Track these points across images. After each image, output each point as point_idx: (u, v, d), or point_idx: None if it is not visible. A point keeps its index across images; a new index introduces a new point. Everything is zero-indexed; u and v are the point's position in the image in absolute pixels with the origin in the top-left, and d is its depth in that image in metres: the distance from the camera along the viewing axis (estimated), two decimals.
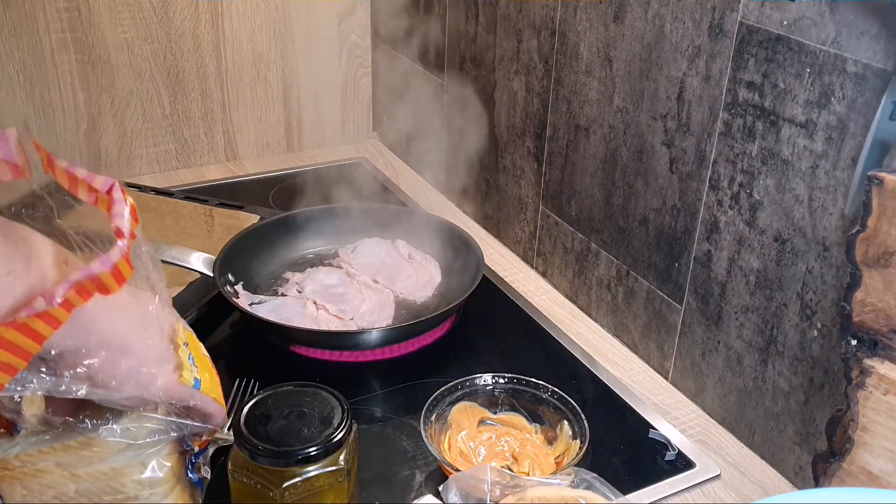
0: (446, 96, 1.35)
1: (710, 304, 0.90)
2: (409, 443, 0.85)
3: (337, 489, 0.68)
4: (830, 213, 0.75)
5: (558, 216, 1.13)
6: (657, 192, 0.94)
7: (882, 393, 0.67)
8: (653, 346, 1.00)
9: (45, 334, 0.48)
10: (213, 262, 1.02)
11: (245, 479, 0.67)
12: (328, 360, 0.97)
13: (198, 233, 1.20)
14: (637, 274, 1.00)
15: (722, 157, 0.85)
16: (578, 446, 0.80)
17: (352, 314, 1.03)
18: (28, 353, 0.48)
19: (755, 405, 0.87)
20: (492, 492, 0.70)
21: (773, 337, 0.83)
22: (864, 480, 0.69)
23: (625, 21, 0.94)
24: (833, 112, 0.73)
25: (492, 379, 0.87)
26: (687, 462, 0.85)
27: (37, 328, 0.48)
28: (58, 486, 0.62)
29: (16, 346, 0.48)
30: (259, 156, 1.50)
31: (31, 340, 0.48)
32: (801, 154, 0.77)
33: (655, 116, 0.92)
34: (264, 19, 1.41)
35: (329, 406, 0.70)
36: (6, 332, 0.47)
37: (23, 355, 0.48)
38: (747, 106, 0.81)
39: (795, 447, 0.83)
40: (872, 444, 0.68)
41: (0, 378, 0.48)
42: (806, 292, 0.79)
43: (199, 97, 1.41)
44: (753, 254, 0.84)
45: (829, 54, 0.72)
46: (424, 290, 1.09)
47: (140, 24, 1.30)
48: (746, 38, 0.80)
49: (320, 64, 1.50)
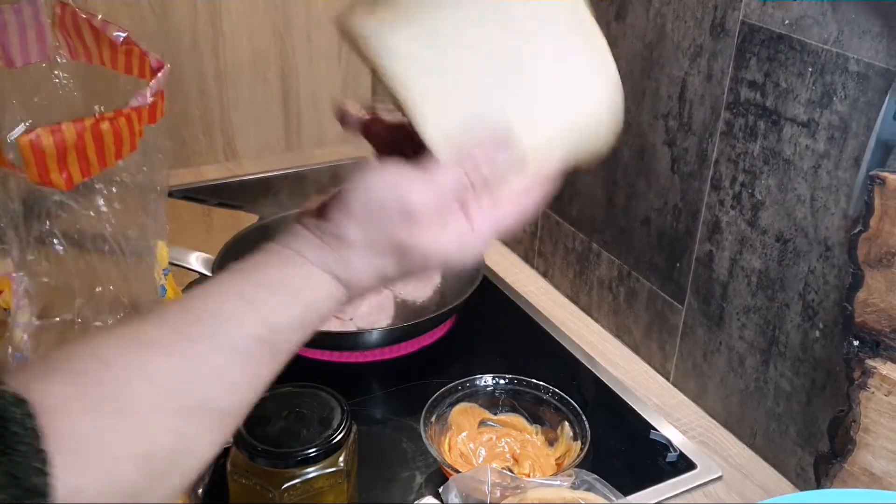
0: None
1: (711, 304, 0.90)
2: (409, 444, 0.85)
3: (336, 490, 0.68)
4: (832, 213, 0.75)
5: (559, 216, 1.12)
6: (659, 192, 0.94)
7: (884, 394, 0.67)
8: (654, 346, 1.00)
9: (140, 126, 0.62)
10: (211, 262, 1.02)
11: (244, 481, 0.67)
12: (328, 361, 0.97)
13: (197, 233, 1.20)
14: (638, 274, 1.00)
15: (724, 156, 0.85)
16: (579, 447, 0.79)
17: (351, 314, 1.02)
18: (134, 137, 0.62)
19: (757, 406, 0.87)
20: (492, 493, 0.70)
21: (774, 337, 0.83)
22: (865, 481, 0.68)
23: (626, 20, 0.94)
24: (835, 111, 0.73)
25: (492, 380, 0.86)
26: (688, 463, 0.85)
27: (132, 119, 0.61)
28: None
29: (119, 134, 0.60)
30: (258, 155, 1.50)
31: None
32: (803, 154, 0.76)
33: (657, 116, 0.92)
34: (263, 18, 1.41)
35: (328, 407, 0.70)
36: (118, 119, 0.59)
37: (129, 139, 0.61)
38: (749, 105, 0.81)
39: (797, 448, 0.83)
40: (874, 445, 0.68)
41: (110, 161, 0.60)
42: (808, 293, 0.78)
43: (198, 96, 1.40)
44: (755, 254, 0.83)
45: (831, 53, 0.72)
46: (424, 290, 1.09)
47: (138, 23, 1.30)
48: (748, 37, 0.79)
49: (320, 63, 1.49)
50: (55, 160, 0.56)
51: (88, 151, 0.58)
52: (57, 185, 0.58)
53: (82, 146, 0.57)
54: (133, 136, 0.62)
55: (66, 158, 0.57)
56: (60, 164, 0.57)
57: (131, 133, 0.61)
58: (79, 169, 0.58)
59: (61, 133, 0.56)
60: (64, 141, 0.56)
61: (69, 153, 0.57)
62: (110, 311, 0.68)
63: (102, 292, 0.67)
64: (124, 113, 0.60)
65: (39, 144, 0.55)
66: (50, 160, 0.56)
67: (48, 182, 0.57)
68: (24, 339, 0.66)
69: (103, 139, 0.59)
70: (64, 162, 0.57)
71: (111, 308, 0.68)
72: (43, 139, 0.55)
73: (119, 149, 0.61)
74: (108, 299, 0.67)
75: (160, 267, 0.69)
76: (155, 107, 0.64)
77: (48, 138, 0.55)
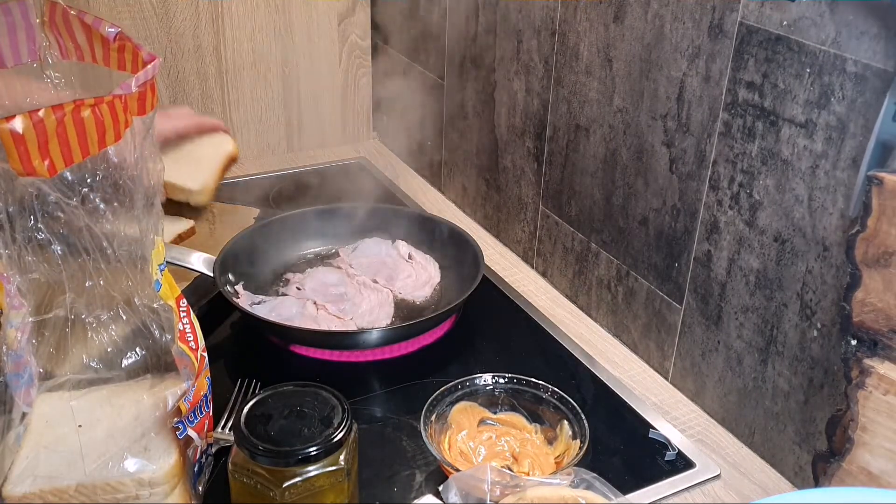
0: (446, 96, 1.35)
1: (709, 304, 0.90)
2: (409, 443, 0.85)
3: (337, 489, 0.68)
4: (830, 213, 0.75)
5: (558, 216, 1.13)
6: (657, 193, 0.94)
7: (882, 393, 0.67)
8: (653, 345, 1.00)
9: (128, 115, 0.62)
10: (213, 262, 1.02)
11: (245, 479, 0.67)
12: (328, 360, 0.97)
13: (198, 233, 1.20)
14: (637, 274, 1.00)
15: (722, 157, 0.85)
16: (578, 446, 0.80)
17: (351, 314, 1.03)
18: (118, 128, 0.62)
19: (755, 405, 0.87)
20: (492, 491, 0.71)
21: (772, 337, 0.83)
22: (863, 480, 0.69)
23: (625, 21, 0.94)
24: (833, 112, 0.73)
25: (492, 379, 0.87)
26: (687, 462, 0.85)
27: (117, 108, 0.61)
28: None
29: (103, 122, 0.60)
30: (259, 156, 1.50)
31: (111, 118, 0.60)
32: (801, 154, 0.77)
33: (655, 116, 0.93)
34: (264, 20, 1.41)
35: (329, 406, 0.70)
36: (100, 107, 0.59)
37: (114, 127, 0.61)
38: (747, 106, 0.81)
39: (795, 447, 0.83)
40: (872, 444, 0.68)
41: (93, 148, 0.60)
42: (806, 292, 0.79)
43: (200, 97, 1.41)
44: (753, 254, 0.84)
45: (829, 54, 0.72)
46: (423, 289, 1.09)
47: (140, 24, 1.31)
48: (746, 39, 0.80)
49: (320, 64, 1.50)
50: (36, 146, 0.56)
51: (70, 139, 0.58)
52: (40, 173, 0.58)
53: (63, 133, 0.57)
54: (117, 125, 0.61)
55: (47, 145, 0.57)
56: (42, 150, 0.57)
57: (115, 121, 0.61)
58: (61, 156, 0.58)
59: (40, 118, 0.56)
60: (44, 127, 0.56)
61: (51, 140, 0.57)
62: (103, 307, 0.68)
63: (93, 287, 0.67)
64: (106, 100, 0.59)
65: (18, 130, 0.55)
66: (31, 146, 0.56)
67: (31, 170, 0.57)
68: (17, 338, 0.66)
69: (85, 126, 0.58)
70: (45, 149, 0.57)
71: (103, 304, 0.68)
72: (21, 123, 0.55)
73: (102, 137, 0.60)
74: (99, 295, 0.67)
75: (156, 263, 0.69)
76: (144, 97, 0.63)
77: (26, 121, 0.55)
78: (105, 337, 0.69)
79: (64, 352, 0.69)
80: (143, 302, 0.69)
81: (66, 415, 0.69)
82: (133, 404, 0.70)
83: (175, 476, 0.69)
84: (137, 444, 0.68)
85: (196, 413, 0.72)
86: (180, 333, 0.70)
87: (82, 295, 0.67)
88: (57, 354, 0.69)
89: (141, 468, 0.67)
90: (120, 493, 0.67)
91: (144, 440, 0.69)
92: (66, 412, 0.69)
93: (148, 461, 0.67)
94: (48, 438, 0.69)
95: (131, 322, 0.70)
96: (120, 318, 0.69)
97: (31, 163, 0.57)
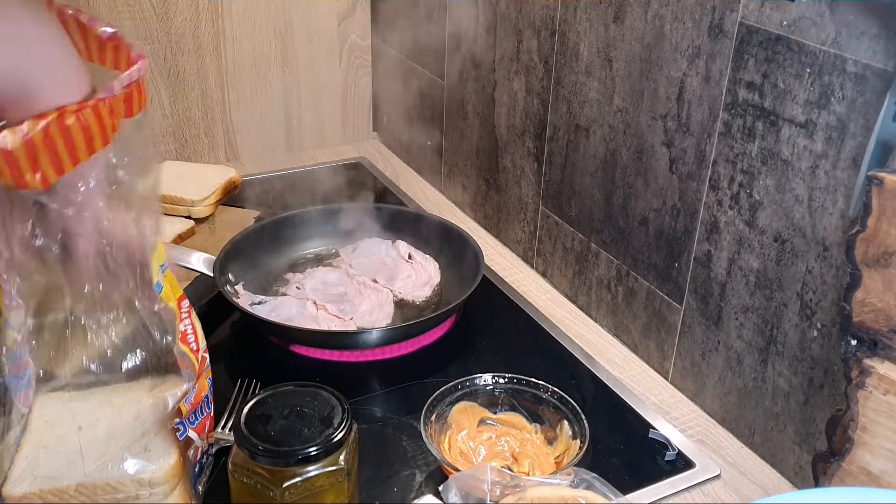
0: (446, 96, 1.35)
1: (709, 304, 0.90)
2: (409, 443, 0.85)
3: (337, 489, 0.69)
4: (830, 213, 0.75)
5: (558, 216, 1.13)
6: (657, 193, 0.94)
7: (882, 393, 0.67)
8: (653, 345, 1.00)
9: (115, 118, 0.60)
10: (213, 262, 1.02)
11: (245, 479, 0.67)
12: (328, 360, 0.97)
13: (198, 233, 1.20)
14: (637, 274, 1.01)
15: (722, 157, 0.85)
16: (578, 446, 0.80)
17: (351, 314, 1.03)
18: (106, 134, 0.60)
19: (755, 405, 0.87)
20: (492, 492, 0.71)
21: (772, 337, 0.83)
22: (863, 480, 0.69)
23: (625, 21, 0.94)
24: (833, 112, 0.73)
25: (492, 379, 0.87)
26: (687, 462, 0.85)
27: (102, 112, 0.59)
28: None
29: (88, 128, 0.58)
30: (259, 156, 1.50)
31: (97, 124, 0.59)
32: (801, 154, 0.77)
33: (655, 116, 0.93)
34: (264, 19, 1.41)
35: (329, 406, 0.70)
36: (83, 112, 0.57)
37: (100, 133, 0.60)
38: (747, 106, 0.81)
39: (795, 447, 0.83)
40: (872, 444, 0.68)
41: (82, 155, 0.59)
42: (806, 292, 0.79)
43: (200, 97, 1.41)
44: (753, 254, 0.84)
45: (829, 54, 0.72)
46: (423, 290, 1.10)
47: (140, 24, 1.31)
48: (746, 39, 0.80)
49: (320, 64, 1.50)
50: (27, 161, 0.55)
51: (58, 148, 0.56)
52: (33, 187, 0.57)
53: (51, 143, 0.56)
54: (104, 130, 0.59)
55: (37, 158, 0.56)
56: (33, 164, 0.55)
57: (101, 126, 0.59)
58: (52, 168, 0.57)
59: (26, 134, 0.54)
60: (33, 141, 0.55)
61: (40, 153, 0.55)
62: (102, 310, 0.68)
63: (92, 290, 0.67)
64: (90, 105, 0.58)
65: (6, 146, 0.54)
66: (21, 162, 0.55)
67: (23, 184, 0.56)
68: (16, 340, 0.66)
69: (71, 134, 0.57)
70: (36, 162, 0.56)
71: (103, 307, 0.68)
72: (9, 139, 0.54)
73: (90, 143, 0.58)
74: (99, 298, 0.67)
75: (157, 264, 0.69)
76: (130, 99, 0.61)
77: (14, 137, 0.54)
78: (105, 339, 0.69)
79: (64, 353, 0.69)
80: (143, 304, 0.69)
81: (66, 415, 0.69)
82: (133, 405, 0.71)
83: (175, 476, 0.69)
84: (137, 445, 0.68)
85: (197, 414, 0.72)
86: (182, 335, 0.70)
87: (81, 299, 0.67)
88: (56, 356, 0.69)
89: (141, 468, 0.67)
90: (120, 493, 0.67)
91: (144, 440, 0.69)
92: (66, 412, 0.70)
93: (148, 461, 0.67)
94: (48, 439, 0.69)
95: (131, 324, 0.69)
96: (120, 321, 0.69)
97: (23, 178, 0.56)
